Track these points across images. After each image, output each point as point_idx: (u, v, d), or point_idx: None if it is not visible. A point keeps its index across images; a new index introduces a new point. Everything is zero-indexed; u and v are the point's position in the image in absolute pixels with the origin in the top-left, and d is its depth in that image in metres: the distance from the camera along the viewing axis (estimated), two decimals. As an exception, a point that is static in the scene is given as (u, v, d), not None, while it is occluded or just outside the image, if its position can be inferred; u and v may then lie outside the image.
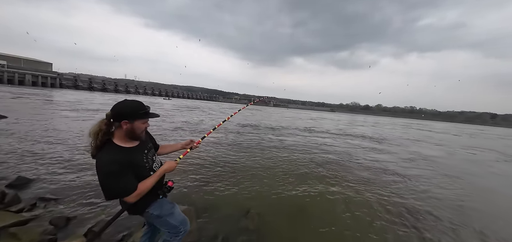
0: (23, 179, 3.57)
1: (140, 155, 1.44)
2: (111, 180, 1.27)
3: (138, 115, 1.36)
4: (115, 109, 1.32)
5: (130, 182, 1.33)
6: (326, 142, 11.11)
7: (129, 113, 1.33)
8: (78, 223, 2.65)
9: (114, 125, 1.34)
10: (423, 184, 5.65)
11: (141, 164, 1.43)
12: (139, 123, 1.38)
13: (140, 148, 1.47)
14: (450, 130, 37.81)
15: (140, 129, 1.40)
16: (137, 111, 1.35)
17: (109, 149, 1.31)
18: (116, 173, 1.26)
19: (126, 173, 1.31)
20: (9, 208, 2.76)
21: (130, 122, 1.34)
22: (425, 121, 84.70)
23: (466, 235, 3.36)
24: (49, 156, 4.88)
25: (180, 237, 1.64)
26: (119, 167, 1.27)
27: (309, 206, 3.77)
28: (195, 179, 4.40)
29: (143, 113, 1.38)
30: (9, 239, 2.21)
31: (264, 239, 2.77)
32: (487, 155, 12.24)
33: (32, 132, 6.93)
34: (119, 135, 1.36)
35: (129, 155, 1.35)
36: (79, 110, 14.26)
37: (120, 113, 1.32)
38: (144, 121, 1.42)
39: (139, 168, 1.41)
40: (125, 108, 1.34)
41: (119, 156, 1.30)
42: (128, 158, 1.33)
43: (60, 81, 55.98)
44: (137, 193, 1.35)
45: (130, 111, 1.34)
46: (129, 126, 1.34)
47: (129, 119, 1.33)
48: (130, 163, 1.34)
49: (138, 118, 1.36)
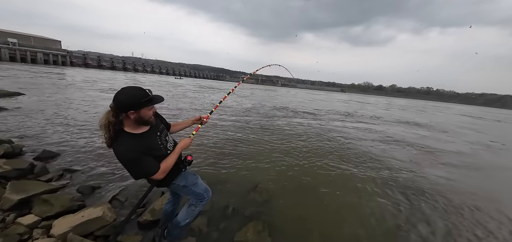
0: (48, 152, 3.85)
1: (154, 138, 1.51)
2: (132, 166, 1.38)
3: (143, 104, 1.36)
4: (118, 101, 1.31)
5: (151, 164, 1.42)
6: (335, 124, 11.07)
7: (133, 103, 1.33)
8: (102, 192, 2.91)
9: (121, 115, 1.34)
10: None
11: (156, 146, 1.50)
12: (145, 110, 1.39)
13: (153, 131, 1.52)
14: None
15: (148, 116, 1.42)
16: (140, 100, 1.34)
17: (124, 139, 1.36)
18: (135, 159, 1.35)
19: (145, 158, 1.39)
20: (39, 178, 3.03)
21: (136, 111, 1.35)
22: (441, 103, 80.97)
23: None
24: (71, 131, 5.17)
25: (204, 202, 1.83)
26: (136, 154, 1.35)
27: (315, 182, 3.92)
28: (205, 156, 4.60)
29: (148, 101, 1.38)
30: (42, 205, 2.46)
31: (272, 210, 2.96)
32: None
33: (52, 107, 7.27)
34: (128, 123, 1.39)
35: (143, 140, 1.42)
36: (105, 90, 14.61)
37: (125, 105, 1.32)
38: (150, 108, 1.42)
39: (155, 150, 1.49)
40: (128, 99, 1.32)
41: (134, 144, 1.36)
42: (142, 144, 1.40)
43: (70, 60, 56.67)
44: (162, 171, 1.46)
45: (134, 101, 1.33)
46: (136, 115, 1.36)
47: (134, 109, 1.34)
48: (146, 147, 1.41)
49: (144, 106, 1.37)
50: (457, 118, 21.93)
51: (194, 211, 1.81)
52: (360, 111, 18.66)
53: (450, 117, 21.76)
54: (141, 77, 39.84)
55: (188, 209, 1.82)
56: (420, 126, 12.86)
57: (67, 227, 2.08)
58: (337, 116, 13.52)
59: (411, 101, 73.99)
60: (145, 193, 1.60)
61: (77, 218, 2.21)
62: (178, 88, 23.59)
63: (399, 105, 34.55)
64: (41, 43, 59.86)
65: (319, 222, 2.84)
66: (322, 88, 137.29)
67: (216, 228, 2.51)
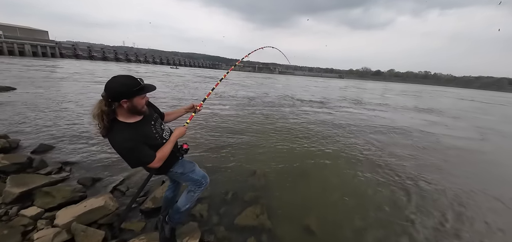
0: (45, 146, 3.84)
1: (148, 127, 1.51)
2: (129, 154, 1.38)
3: (135, 92, 1.34)
4: (110, 90, 1.30)
5: (147, 153, 1.42)
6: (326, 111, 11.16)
7: (125, 92, 1.31)
8: (103, 183, 2.96)
9: (114, 104, 1.32)
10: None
11: (151, 135, 1.51)
12: (138, 99, 1.38)
13: (146, 120, 1.52)
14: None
15: (141, 104, 1.41)
16: (132, 88, 1.32)
17: (119, 128, 1.36)
18: (132, 148, 1.36)
19: (141, 146, 1.39)
20: (39, 172, 3.05)
21: (129, 100, 1.33)
22: (437, 87, 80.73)
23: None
24: (67, 124, 5.14)
25: (202, 188, 1.88)
26: (133, 143, 1.35)
27: (312, 167, 4.03)
28: (203, 144, 4.66)
29: (140, 89, 1.36)
30: (44, 197, 2.49)
31: (270, 194, 3.06)
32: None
33: (46, 101, 7.15)
34: (122, 112, 1.38)
35: (138, 129, 1.41)
36: (102, 82, 14.32)
37: (117, 93, 1.30)
38: (142, 96, 1.41)
39: (150, 138, 1.49)
40: (120, 87, 1.31)
41: (130, 133, 1.36)
42: (138, 132, 1.40)
43: (60, 51, 54.90)
44: (158, 159, 1.47)
45: (125, 89, 1.31)
46: (129, 104, 1.35)
47: (127, 97, 1.32)
48: (142, 136, 1.41)
49: (136, 95, 1.35)
50: (465, 104, 21.39)
51: (193, 196, 1.87)
52: (364, 98, 18.77)
53: (458, 103, 21.35)
54: (136, 68, 39.06)
55: (187, 195, 1.87)
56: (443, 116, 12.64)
57: (71, 217, 2.14)
58: (339, 104, 13.60)
59: (410, 86, 73.63)
60: (144, 181, 1.63)
61: (80, 208, 2.27)
62: (178, 78, 23.30)
63: (401, 91, 33.98)
64: (27, 34, 57.49)
65: (316, 203, 2.96)
66: (320, 74, 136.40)
67: (217, 213, 2.60)
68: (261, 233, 2.35)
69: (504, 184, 4.08)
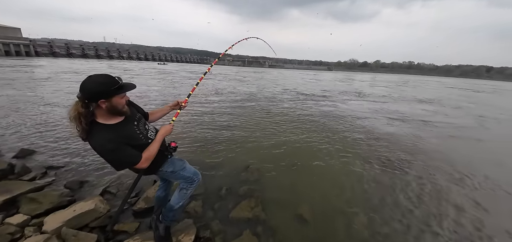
0: (26, 151, 3.65)
1: (130, 128, 1.43)
2: (112, 157, 1.30)
3: (113, 92, 1.26)
4: (86, 91, 1.21)
5: (132, 153, 1.36)
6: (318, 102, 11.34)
7: (103, 92, 1.23)
8: (91, 185, 2.87)
9: (91, 105, 1.25)
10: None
11: (134, 135, 1.43)
12: (117, 99, 1.30)
13: (129, 121, 1.44)
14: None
15: (121, 104, 1.33)
16: (110, 87, 1.24)
17: (98, 130, 1.28)
18: (114, 150, 1.28)
19: (123, 147, 1.32)
20: (22, 178, 2.91)
21: (107, 100, 1.26)
22: (419, 77, 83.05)
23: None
24: (48, 126, 4.90)
25: (194, 185, 1.87)
26: (115, 144, 1.28)
27: (305, 158, 4.12)
28: (194, 142, 4.61)
29: (118, 88, 1.27)
30: (29, 204, 2.39)
31: (264, 187, 3.11)
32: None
33: (24, 104, 6.75)
34: (101, 113, 1.30)
35: (119, 130, 1.34)
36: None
37: (94, 93, 1.22)
38: (122, 95, 1.33)
39: (134, 139, 1.42)
40: (97, 87, 1.22)
41: (110, 134, 1.29)
42: (119, 134, 1.33)
43: (35, 49, 51.58)
44: (145, 159, 1.41)
45: (103, 89, 1.23)
46: (108, 104, 1.27)
47: (105, 97, 1.24)
48: (123, 137, 1.34)
49: (114, 94, 1.27)
50: (458, 92, 21.46)
51: (186, 193, 1.85)
52: (357, 88, 19.15)
53: (444, 91, 21.45)
54: (122, 65, 37.32)
55: (180, 192, 1.85)
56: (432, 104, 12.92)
57: (60, 222, 2.08)
58: (330, 96, 13.81)
59: (396, 76, 74.23)
60: (134, 182, 1.56)
61: (69, 213, 2.20)
62: (170, 74, 22.62)
63: (393, 82, 33.57)
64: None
65: (308, 193, 3.04)
66: (309, 67, 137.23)
67: (211, 208, 2.61)
68: (256, 225, 2.40)
69: None
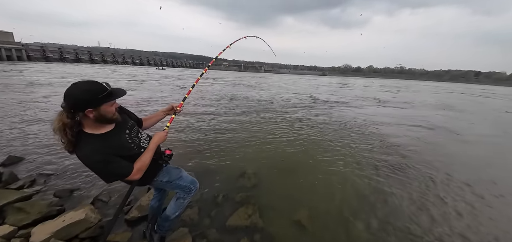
0: (14, 158, 3.52)
1: (122, 137, 1.34)
2: (101, 168, 1.21)
3: (102, 99, 1.15)
4: (70, 99, 1.11)
5: (122, 165, 1.26)
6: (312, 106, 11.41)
7: (90, 100, 1.13)
8: (82, 194, 2.77)
9: (78, 115, 1.15)
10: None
11: (126, 145, 1.34)
12: (106, 107, 1.19)
13: (119, 130, 1.34)
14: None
15: (110, 112, 1.23)
16: (97, 95, 1.14)
17: (86, 141, 1.18)
18: (103, 161, 1.19)
19: (113, 159, 1.22)
20: (9, 186, 2.79)
21: (95, 109, 1.15)
22: (412, 81, 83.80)
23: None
24: (38, 133, 4.75)
25: (192, 194, 1.80)
26: (103, 156, 1.18)
27: (300, 163, 4.09)
28: (190, 147, 4.53)
29: (106, 96, 1.17)
30: (16, 214, 2.29)
31: (261, 193, 3.05)
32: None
33: (12, 110, 6.56)
34: (89, 123, 1.20)
35: (108, 140, 1.25)
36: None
37: (80, 102, 1.12)
38: (111, 103, 1.23)
39: (126, 149, 1.33)
40: (82, 95, 1.12)
41: (98, 144, 1.19)
42: (109, 144, 1.23)
43: (27, 53, 50.64)
44: (137, 170, 1.32)
45: (89, 97, 1.12)
46: (96, 113, 1.16)
47: (92, 106, 1.14)
48: (113, 148, 1.25)
49: (103, 102, 1.17)
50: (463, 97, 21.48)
51: (182, 203, 1.78)
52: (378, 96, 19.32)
53: (452, 96, 21.33)
54: (122, 69, 36.74)
55: (176, 202, 1.78)
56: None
57: (48, 233, 1.98)
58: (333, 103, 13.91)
59: (390, 81, 74.48)
60: (127, 192, 1.49)
61: (58, 223, 2.10)
62: (175, 79, 22.35)
63: (393, 87, 33.68)
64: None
65: (306, 199, 2.99)
66: (304, 72, 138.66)
67: (208, 216, 2.54)
68: (254, 233, 2.34)
69: None
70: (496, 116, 10.93)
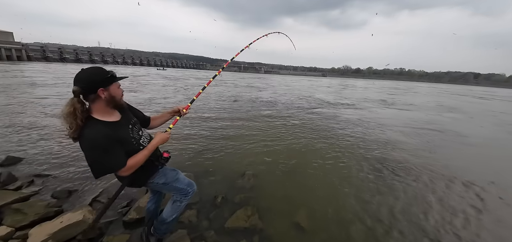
0: (12, 159, 3.50)
1: (126, 130, 1.38)
2: (98, 154, 1.20)
3: (110, 79, 1.26)
4: (85, 81, 1.18)
5: (119, 157, 1.27)
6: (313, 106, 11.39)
7: (101, 80, 1.22)
8: (80, 195, 2.75)
9: (89, 98, 1.21)
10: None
11: (128, 139, 1.36)
12: (114, 88, 1.29)
13: (125, 122, 1.40)
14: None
15: (119, 94, 1.34)
16: (106, 75, 1.24)
17: (93, 125, 1.21)
18: (104, 146, 1.20)
19: (114, 147, 1.24)
20: (7, 187, 2.77)
21: (106, 89, 1.24)
22: (412, 83, 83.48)
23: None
24: (36, 133, 4.73)
25: (189, 196, 1.77)
26: (107, 140, 1.20)
27: (300, 164, 4.07)
28: (190, 148, 4.51)
29: (113, 76, 1.28)
30: (14, 215, 2.27)
31: (260, 194, 3.04)
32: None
33: (11, 110, 6.54)
34: (98, 108, 1.25)
35: (115, 129, 1.28)
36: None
37: (94, 81, 1.19)
38: (118, 85, 1.34)
39: (127, 143, 1.35)
40: (94, 75, 1.20)
41: (105, 129, 1.23)
42: (115, 132, 1.26)
43: (27, 53, 50.68)
44: (128, 167, 1.31)
45: (100, 77, 1.22)
46: (107, 93, 1.25)
47: (103, 86, 1.22)
48: (117, 137, 1.27)
49: (112, 82, 1.27)
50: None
51: (179, 206, 1.75)
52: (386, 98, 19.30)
53: (459, 99, 20.57)
54: (123, 70, 36.69)
55: (173, 205, 1.75)
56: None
57: (46, 235, 1.96)
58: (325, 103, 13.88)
59: (391, 82, 74.22)
60: (116, 192, 1.45)
61: (56, 225, 2.09)
62: (181, 81, 22.30)
63: (396, 88, 33.09)
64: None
65: (306, 200, 2.98)
66: (304, 73, 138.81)
67: (206, 218, 2.53)
68: (253, 234, 2.32)
69: None
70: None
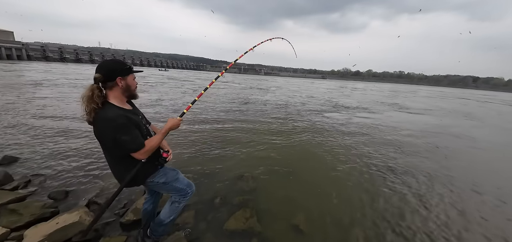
0: (9, 158, 3.48)
1: (138, 118, 1.48)
2: (122, 132, 1.28)
3: (128, 70, 1.39)
4: (105, 68, 1.31)
5: (138, 137, 1.37)
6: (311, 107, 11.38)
7: (121, 69, 1.35)
8: (77, 196, 2.72)
9: (108, 85, 1.33)
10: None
11: (141, 125, 1.47)
12: (131, 79, 1.42)
13: (137, 112, 1.54)
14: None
15: (134, 85, 1.45)
16: (125, 66, 1.38)
17: (111, 108, 1.32)
18: (126, 125, 1.30)
19: (133, 128, 1.35)
20: (3, 187, 2.74)
21: (124, 78, 1.37)
22: (413, 86, 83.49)
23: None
24: (34, 132, 4.70)
25: (187, 197, 1.76)
26: (127, 120, 1.31)
27: (300, 166, 4.05)
28: (187, 147, 4.50)
29: (130, 68, 1.42)
30: (9, 215, 2.24)
31: (259, 196, 3.01)
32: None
33: (10, 109, 6.51)
34: (115, 95, 1.36)
35: (128, 115, 1.38)
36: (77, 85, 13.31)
37: (113, 70, 1.33)
38: (133, 76, 1.45)
39: (140, 128, 1.44)
40: (114, 65, 1.35)
41: (122, 113, 1.33)
42: (129, 117, 1.36)
43: (27, 53, 50.61)
44: (146, 150, 1.38)
45: (120, 67, 1.35)
46: (124, 82, 1.37)
47: (121, 75, 1.35)
48: (134, 121, 1.39)
49: (129, 73, 1.40)
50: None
51: (177, 207, 1.74)
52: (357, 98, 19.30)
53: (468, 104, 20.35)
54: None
55: (171, 206, 1.73)
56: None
57: (41, 236, 1.93)
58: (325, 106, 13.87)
59: (391, 85, 74.21)
60: (113, 194, 1.46)
61: (51, 226, 2.06)
62: (187, 82, 22.31)
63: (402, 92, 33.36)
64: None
65: (305, 203, 2.95)
66: (304, 75, 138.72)
67: (204, 219, 2.50)
68: (251, 237, 2.30)
69: None
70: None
